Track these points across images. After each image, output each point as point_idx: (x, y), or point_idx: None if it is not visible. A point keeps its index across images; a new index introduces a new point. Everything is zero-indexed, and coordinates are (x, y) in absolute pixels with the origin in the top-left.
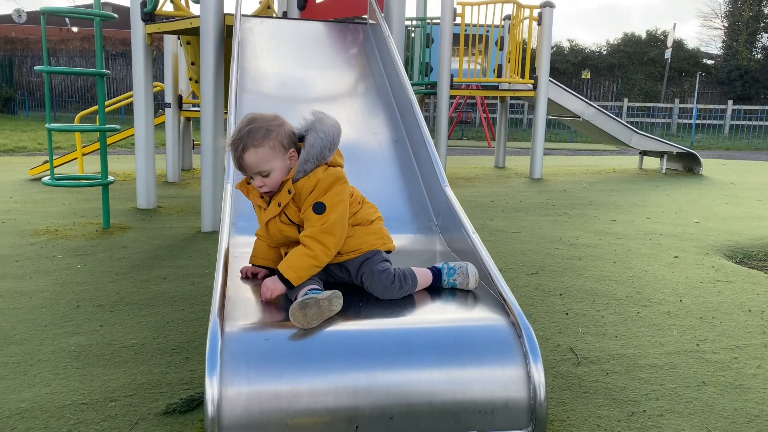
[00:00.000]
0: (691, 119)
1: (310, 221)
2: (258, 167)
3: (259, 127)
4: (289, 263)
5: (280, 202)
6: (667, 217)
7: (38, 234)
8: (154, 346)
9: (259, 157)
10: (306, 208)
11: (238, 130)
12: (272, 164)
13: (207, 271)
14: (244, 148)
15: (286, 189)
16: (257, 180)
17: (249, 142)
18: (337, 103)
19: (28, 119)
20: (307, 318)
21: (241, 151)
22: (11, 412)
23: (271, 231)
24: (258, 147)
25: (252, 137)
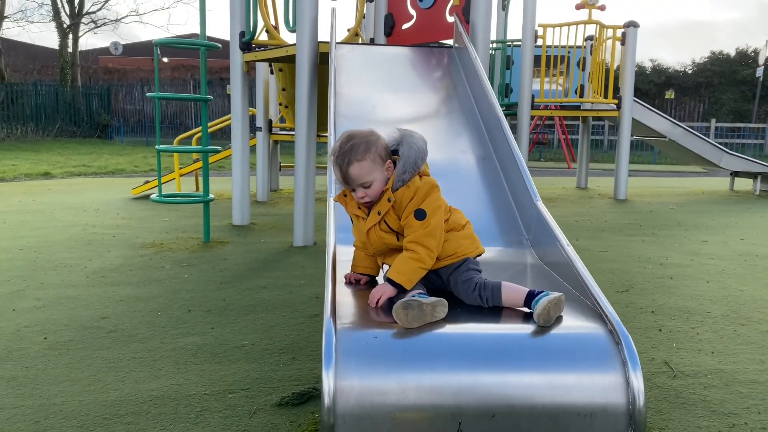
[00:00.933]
0: None
1: (412, 227)
2: (361, 179)
3: (360, 142)
4: (397, 269)
5: (380, 211)
6: (763, 238)
7: (146, 247)
8: (263, 347)
9: (362, 169)
10: (407, 215)
11: (340, 146)
12: (373, 176)
13: (302, 281)
14: (349, 162)
15: (386, 198)
16: (359, 191)
17: (353, 157)
18: (425, 123)
19: (123, 144)
20: (408, 318)
21: (347, 166)
22: (144, 399)
23: (372, 239)
24: (361, 161)
25: (355, 152)
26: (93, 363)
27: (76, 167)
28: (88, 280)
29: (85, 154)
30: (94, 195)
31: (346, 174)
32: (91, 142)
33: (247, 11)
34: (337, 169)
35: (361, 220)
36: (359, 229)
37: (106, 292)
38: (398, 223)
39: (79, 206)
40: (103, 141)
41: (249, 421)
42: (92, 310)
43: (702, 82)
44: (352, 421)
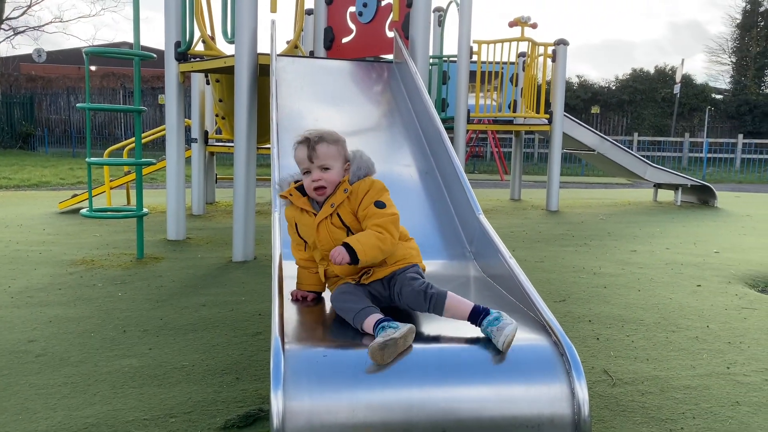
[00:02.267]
0: (701, 153)
1: (374, 216)
2: (325, 160)
3: (331, 133)
4: (358, 239)
5: (333, 203)
6: (686, 247)
7: (76, 264)
8: (204, 368)
9: (329, 151)
10: (366, 206)
11: (311, 130)
12: (336, 163)
13: (243, 298)
14: (321, 139)
15: (342, 189)
16: (315, 173)
17: (325, 137)
18: (367, 136)
19: (48, 155)
20: (384, 356)
21: (317, 141)
22: (78, 427)
23: (321, 235)
24: (331, 144)
25: (327, 136)
26: (20, 390)
27: None
28: (12, 301)
29: (6, 165)
30: (17, 209)
31: (313, 149)
32: (12, 154)
33: (183, 21)
34: (305, 143)
35: (308, 215)
36: (306, 225)
37: (33, 313)
38: (352, 217)
39: (0, 221)
40: (25, 152)
41: None
42: (18, 333)
43: (625, 99)
44: None
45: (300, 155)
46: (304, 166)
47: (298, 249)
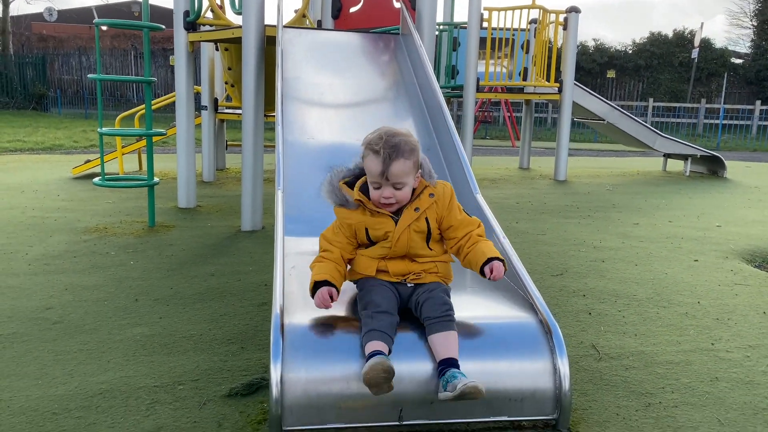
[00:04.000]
0: (717, 119)
1: (470, 224)
2: (400, 178)
3: (407, 141)
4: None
5: (418, 208)
6: (689, 220)
7: (89, 231)
8: (211, 337)
9: (405, 168)
10: (457, 213)
11: (385, 138)
12: (409, 179)
13: (250, 268)
14: (397, 154)
15: (427, 194)
16: (387, 191)
17: (402, 151)
18: (371, 108)
19: (61, 116)
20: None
21: (393, 158)
22: (94, 392)
23: (401, 239)
24: (408, 159)
25: (404, 149)
26: (39, 356)
27: (11, 143)
28: (30, 268)
29: (20, 127)
30: (32, 174)
31: (389, 167)
32: (26, 115)
33: None
34: (380, 160)
35: (385, 217)
36: (381, 228)
37: (50, 281)
38: (435, 223)
39: (17, 187)
40: (39, 113)
41: (199, 412)
42: (36, 300)
43: (641, 64)
44: (299, 411)
45: (372, 168)
46: (376, 179)
47: (345, 247)
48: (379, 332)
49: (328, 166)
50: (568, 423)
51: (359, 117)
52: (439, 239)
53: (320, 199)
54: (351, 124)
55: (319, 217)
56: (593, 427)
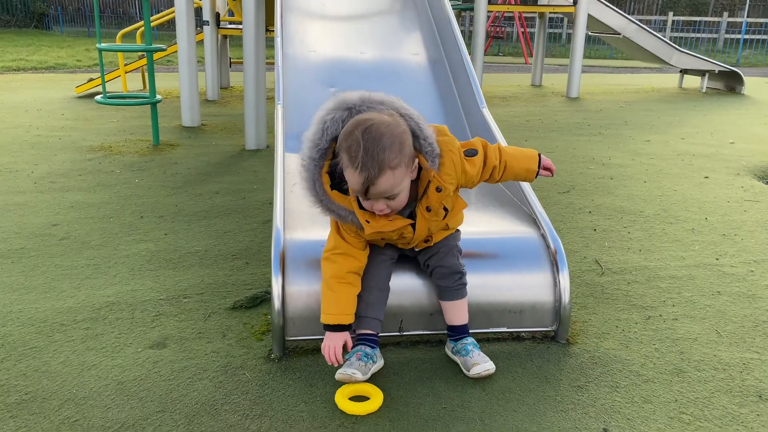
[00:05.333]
0: (739, 34)
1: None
2: (391, 191)
3: (392, 141)
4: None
5: (430, 207)
6: (702, 137)
7: (94, 150)
8: (216, 253)
9: (395, 179)
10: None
11: (363, 144)
12: (403, 184)
13: (255, 186)
14: (380, 170)
15: (434, 187)
16: (379, 203)
17: (385, 163)
18: (377, 19)
19: (63, 35)
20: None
21: (376, 175)
22: (101, 305)
23: (419, 232)
24: (395, 168)
25: (387, 156)
26: (47, 270)
27: (14, 61)
28: (35, 186)
29: (22, 46)
30: (36, 93)
31: (372, 185)
32: (27, 33)
33: None
34: (360, 176)
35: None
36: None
37: (56, 199)
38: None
39: (20, 106)
40: (41, 31)
41: (204, 324)
42: (42, 217)
43: None
44: (300, 322)
45: (353, 182)
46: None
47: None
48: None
49: (331, 80)
50: (566, 334)
51: (364, 29)
52: None
53: None
54: (355, 36)
55: None
56: (592, 339)
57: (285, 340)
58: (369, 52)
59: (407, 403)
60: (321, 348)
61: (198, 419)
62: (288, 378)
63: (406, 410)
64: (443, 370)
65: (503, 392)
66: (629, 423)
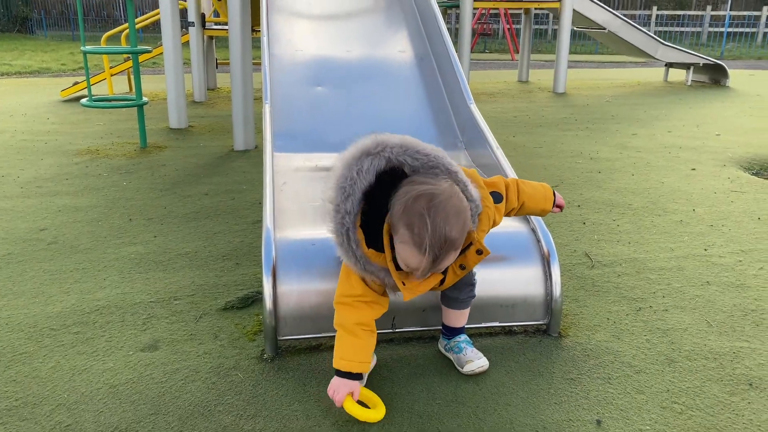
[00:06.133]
0: (723, 27)
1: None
2: (450, 264)
3: (458, 221)
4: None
5: (464, 265)
6: (688, 130)
7: (81, 154)
8: (206, 254)
9: (455, 255)
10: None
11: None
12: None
13: (244, 187)
14: (447, 253)
15: (474, 251)
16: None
17: (452, 246)
18: (363, 17)
19: (47, 39)
20: None
21: (443, 255)
22: (91, 308)
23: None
24: (458, 248)
25: (455, 237)
26: (35, 275)
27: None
28: (22, 191)
29: (6, 51)
30: (21, 98)
31: (435, 267)
32: (10, 38)
33: None
34: (426, 258)
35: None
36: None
37: (43, 203)
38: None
39: (5, 110)
40: (24, 36)
41: (195, 325)
42: (30, 222)
43: None
44: (292, 321)
45: (411, 262)
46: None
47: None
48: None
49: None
50: (558, 327)
51: (350, 27)
52: None
53: (311, 114)
54: (341, 35)
55: (310, 131)
56: (584, 332)
57: (277, 339)
58: (355, 50)
59: (402, 400)
60: (327, 389)
61: (191, 421)
62: (281, 378)
63: (401, 406)
64: (437, 366)
65: (497, 386)
66: (622, 414)
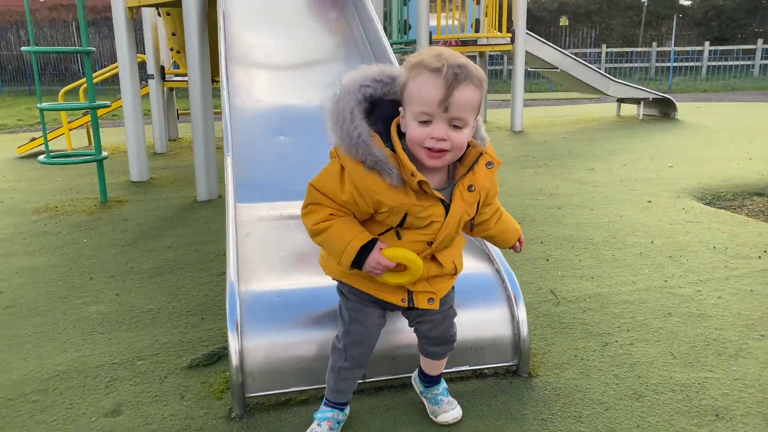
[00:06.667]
0: (669, 62)
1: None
2: (465, 111)
3: (476, 67)
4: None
5: (473, 185)
6: (642, 163)
7: (39, 212)
8: (170, 310)
9: (473, 100)
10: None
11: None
12: (471, 119)
13: (208, 238)
14: (467, 76)
15: (484, 162)
16: (440, 128)
17: (472, 74)
18: (322, 67)
19: (3, 94)
20: None
21: (461, 81)
22: (50, 374)
23: (447, 236)
24: (477, 88)
25: (473, 72)
26: None
27: None
28: None
29: None
30: None
31: (452, 92)
32: None
33: None
34: (442, 81)
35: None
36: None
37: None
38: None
39: None
40: None
41: (160, 386)
42: None
43: (593, 8)
44: (260, 377)
45: (426, 93)
46: (428, 110)
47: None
48: (344, 393)
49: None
50: (528, 367)
51: (310, 77)
52: None
53: (274, 163)
54: (301, 84)
55: (274, 180)
56: (553, 370)
57: (245, 397)
58: (316, 99)
59: None
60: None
61: None
62: None
63: None
64: (409, 416)
65: None
66: None
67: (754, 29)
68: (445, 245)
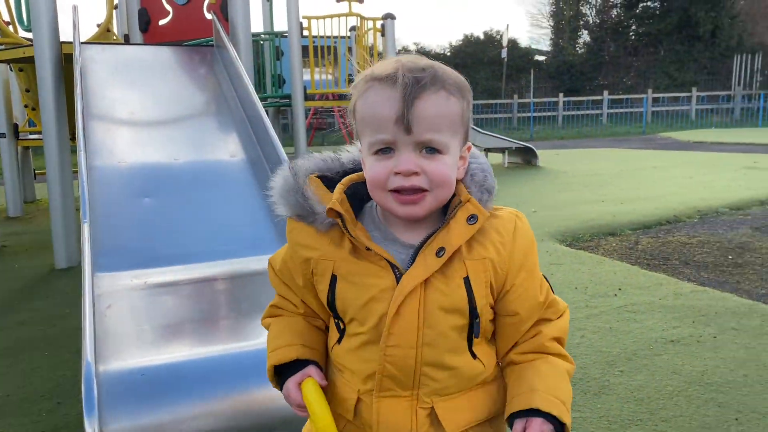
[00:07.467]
0: (529, 113)
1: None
2: (440, 128)
3: (446, 71)
4: (554, 393)
5: (443, 248)
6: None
7: None
8: (22, 396)
9: (450, 110)
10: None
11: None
12: (452, 139)
13: (67, 310)
14: (432, 84)
15: (465, 216)
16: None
17: (438, 81)
18: (191, 123)
19: None
20: None
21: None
22: None
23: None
24: (454, 95)
25: (442, 77)
26: None
27: None
28: None
29: None
30: None
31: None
32: None
33: None
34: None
35: (376, 262)
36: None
37: None
38: (487, 290)
39: None
40: None
41: None
42: None
43: (459, 63)
44: None
45: (378, 108)
46: (384, 134)
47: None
48: None
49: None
50: None
51: (179, 133)
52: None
53: (139, 227)
54: (170, 142)
55: (138, 246)
56: None
57: None
58: (183, 157)
59: None
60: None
61: None
62: None
63: None
64: None
65: None
66: None
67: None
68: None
